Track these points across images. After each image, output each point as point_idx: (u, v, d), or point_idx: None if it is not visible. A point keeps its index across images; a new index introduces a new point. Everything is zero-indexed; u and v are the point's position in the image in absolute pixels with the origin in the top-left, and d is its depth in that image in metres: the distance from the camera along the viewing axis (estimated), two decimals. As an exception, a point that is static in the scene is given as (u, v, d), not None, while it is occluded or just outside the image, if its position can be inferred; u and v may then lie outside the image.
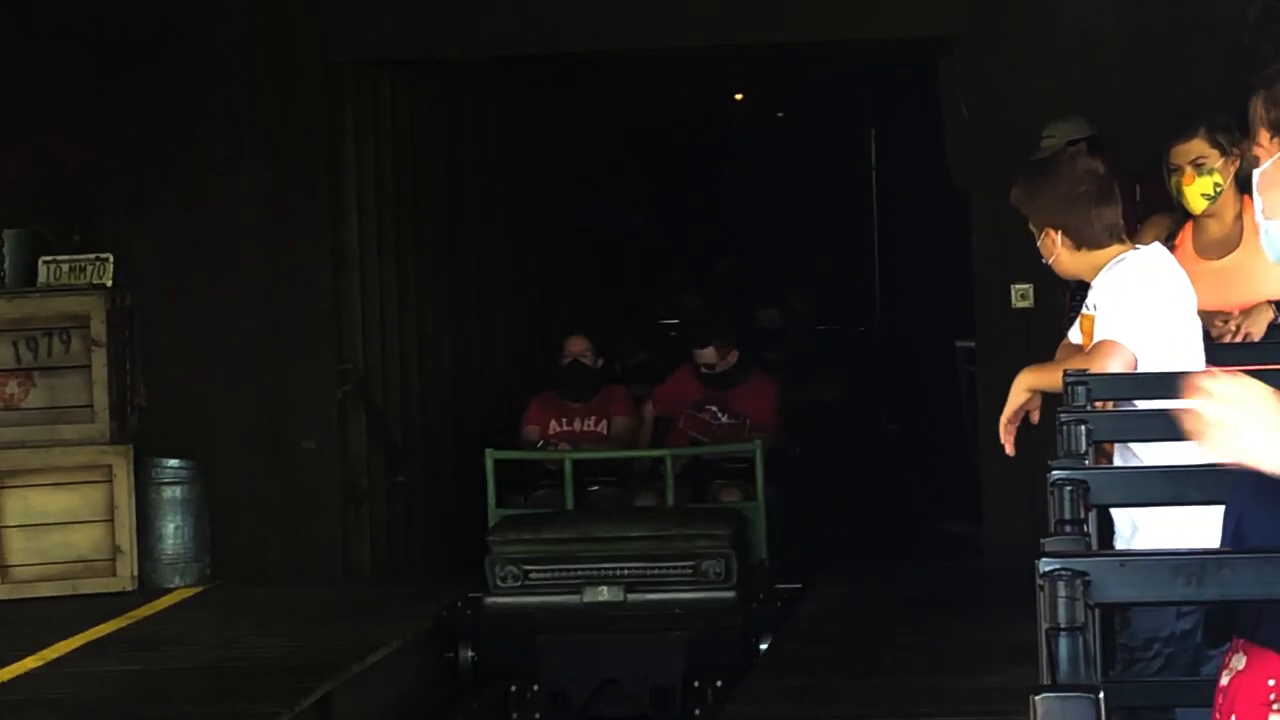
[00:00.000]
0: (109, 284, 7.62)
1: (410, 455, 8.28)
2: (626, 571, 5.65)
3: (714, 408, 6.72)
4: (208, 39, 7.99)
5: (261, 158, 7.98)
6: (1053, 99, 6.87)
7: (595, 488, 6.56)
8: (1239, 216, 3.84)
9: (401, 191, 8.60)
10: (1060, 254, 3.22)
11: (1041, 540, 1.62)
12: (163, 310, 7.93)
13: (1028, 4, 7.50)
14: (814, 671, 5.57)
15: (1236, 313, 3.71)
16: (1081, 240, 3.20)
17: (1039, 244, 3.30)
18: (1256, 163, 1.59)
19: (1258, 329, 3.69)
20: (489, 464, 6.31)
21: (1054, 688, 1.12)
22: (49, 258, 7.67)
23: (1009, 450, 3.19)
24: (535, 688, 5.74)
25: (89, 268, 7.69)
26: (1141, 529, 2.96)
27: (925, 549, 8.71)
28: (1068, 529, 1.73)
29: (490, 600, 5.80)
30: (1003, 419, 3.18)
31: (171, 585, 7.64)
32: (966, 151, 7.59)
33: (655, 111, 13.23)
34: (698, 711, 5.70)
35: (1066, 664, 1.15)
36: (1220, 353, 3.36)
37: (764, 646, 5.61)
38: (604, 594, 5.62)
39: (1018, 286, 6.92)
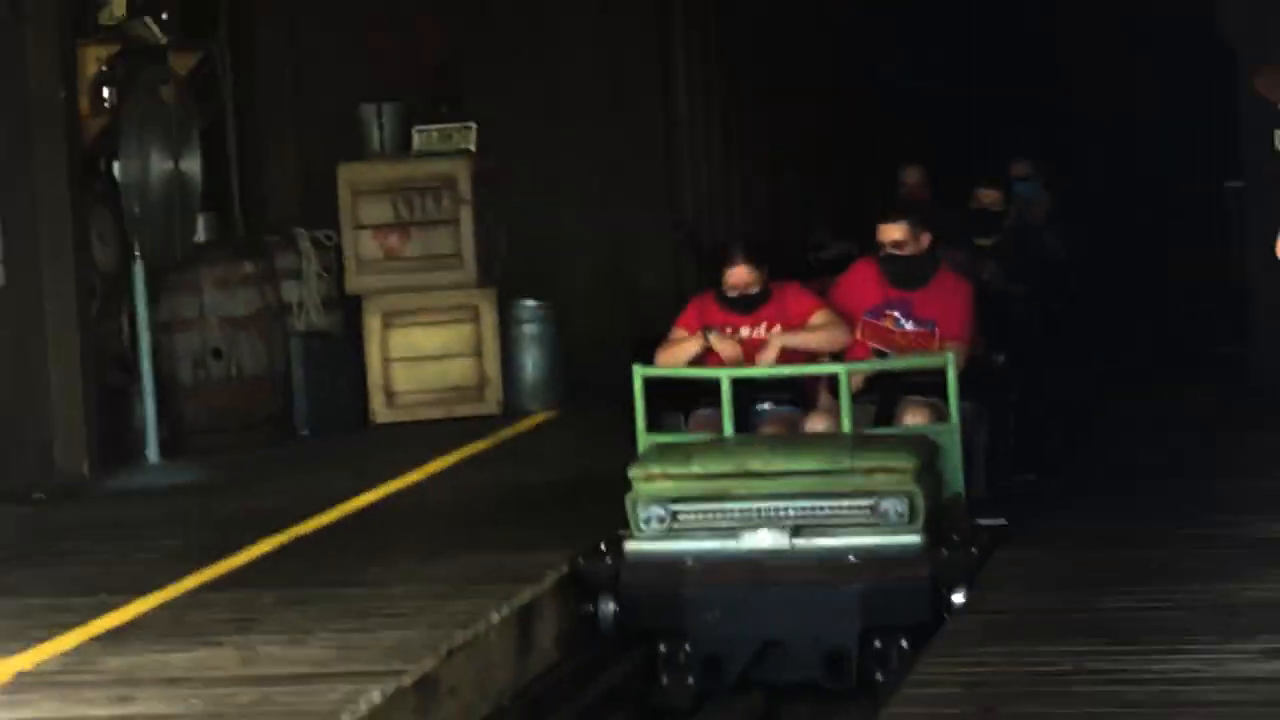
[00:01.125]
0: (473, 149, 8.47)
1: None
2: (792, 512, 4.62)
3: (895, 313, 5.38)
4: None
5: (602, 36, 8.75)
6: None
7: (766, 405, 5.36)
8: None
9: (724, 57, 9.26)
10: None
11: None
12: (519, 171, 8.79)
13: None
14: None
15: None
16: None
17: None
18: None
19: None
20: (637, 382, 5.12)
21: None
22: (421, 127, 8.53)
23: None
24: (687, 649, 4.71)
25: (455, 135, 8.52)
26: None
27: (1198, 373, 8.66)
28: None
29: (632, 546, 4.73)
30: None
31: (531, 410, 8.50)
32: (1233, 3, 7.93)
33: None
34: (879, 677, 4.62)
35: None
36: None
37: (958, 599, 4.50)
38: (765, 539, 4.59)
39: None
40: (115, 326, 7.37)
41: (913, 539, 4.62)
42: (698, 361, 5.35)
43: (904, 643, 4.62)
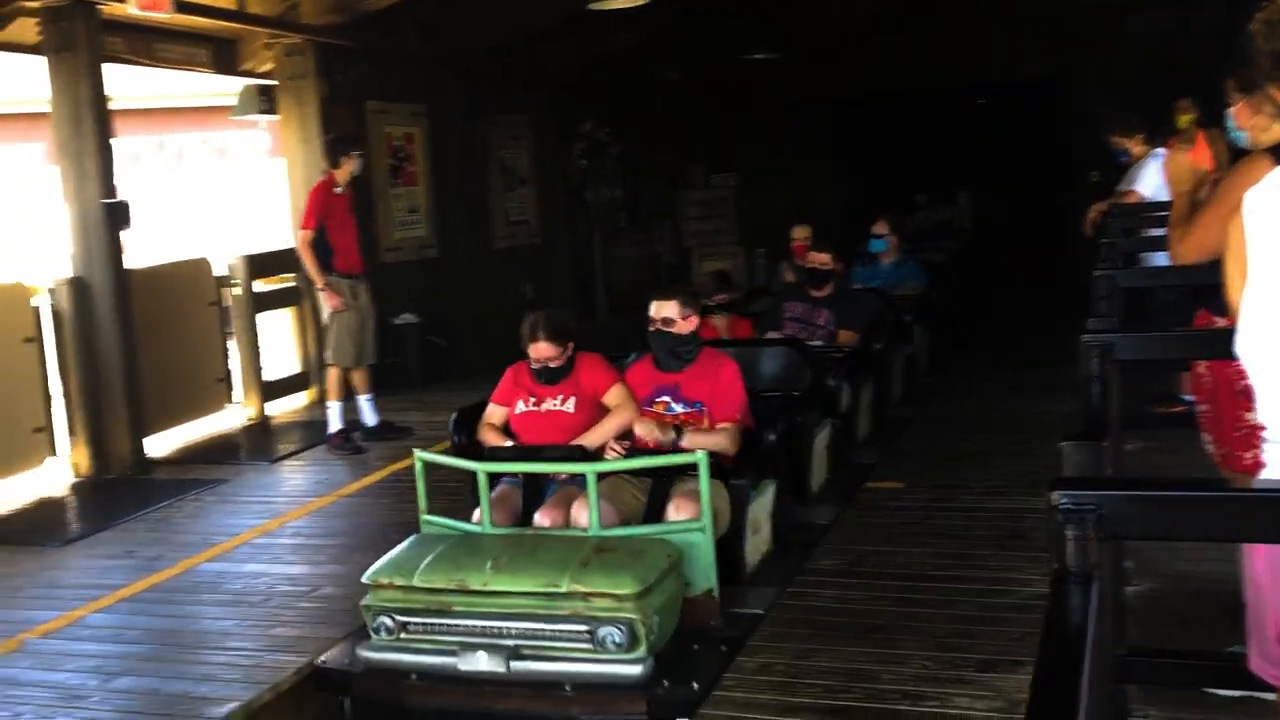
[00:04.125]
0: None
1: None
2: (512, 634, 4.18)
3: (666, 398, 5.18)
4: None
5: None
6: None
7: (562, 480, 4.96)
8: None
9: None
10: None
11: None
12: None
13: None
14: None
15: None
16: None
17: None
18: None
19: None
20: (418, 465, 4.79)
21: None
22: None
23: None
24: None
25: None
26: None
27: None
28: None
29: (364, 653, 4.38)
30: None
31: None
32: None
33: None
34: None
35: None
36: None
37: None
38: (483, 661, 4.19)
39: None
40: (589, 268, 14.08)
41: (632, 670, 4.08)
42: (506, 429, 5.24)
43: None
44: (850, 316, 7.39)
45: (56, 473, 7.68)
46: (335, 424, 8.07)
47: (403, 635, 4.30)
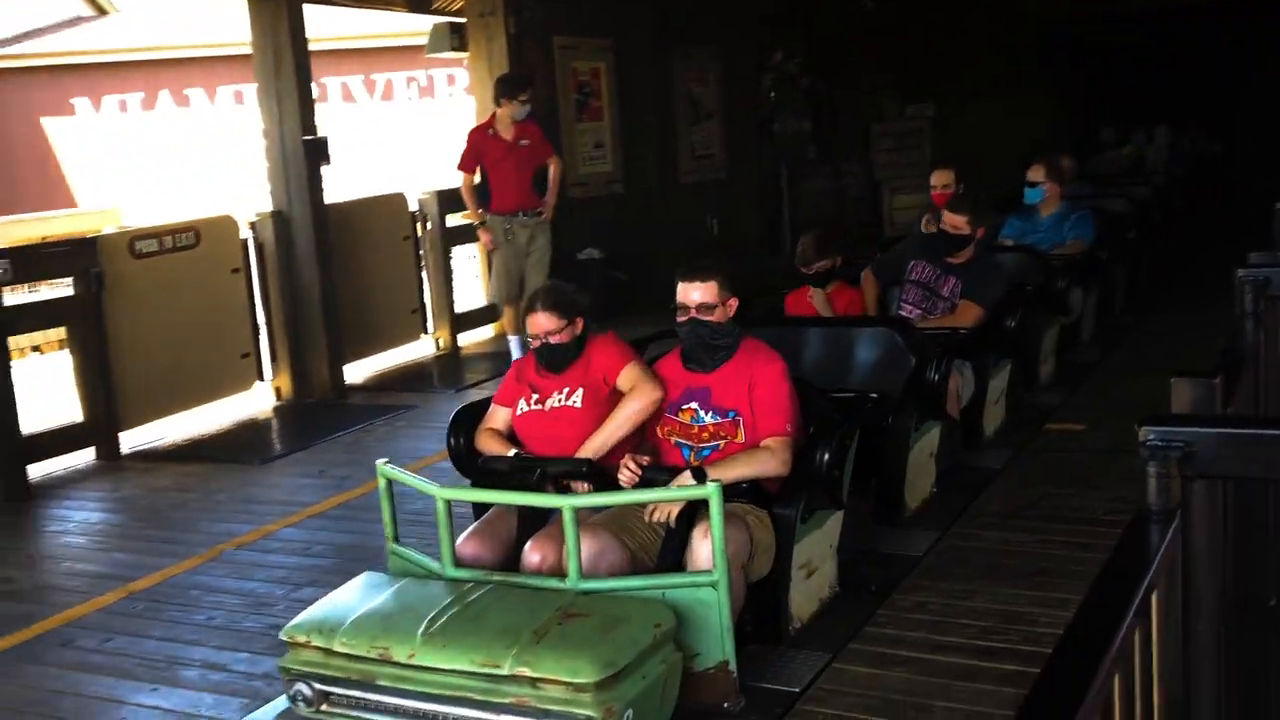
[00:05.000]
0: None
1: None
2: (447, 718, 3.23)
3: (694, 404, 4.02)
4: None
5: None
6: None
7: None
8: None
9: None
10: None
11: None
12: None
13: None
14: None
15: None
16: None
17: None
18: None
19: None
20: (381, 485, 3.82)
21: None
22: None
23: None
24: None
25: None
26: None
27: None
28: None
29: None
30: None
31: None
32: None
33: None
34: None
35: None
36: None
37: None
38: None
39: None
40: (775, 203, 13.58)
41: None
42: (512, 436, 4.15)
43: None
44: (979, 289, 5.96)
45: (261, 396, 8.17)
46: (516, 354, 8.28)
47: (324, 709, 3.35)
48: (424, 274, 9.58)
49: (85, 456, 7.02)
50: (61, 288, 7.50)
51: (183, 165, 17.25)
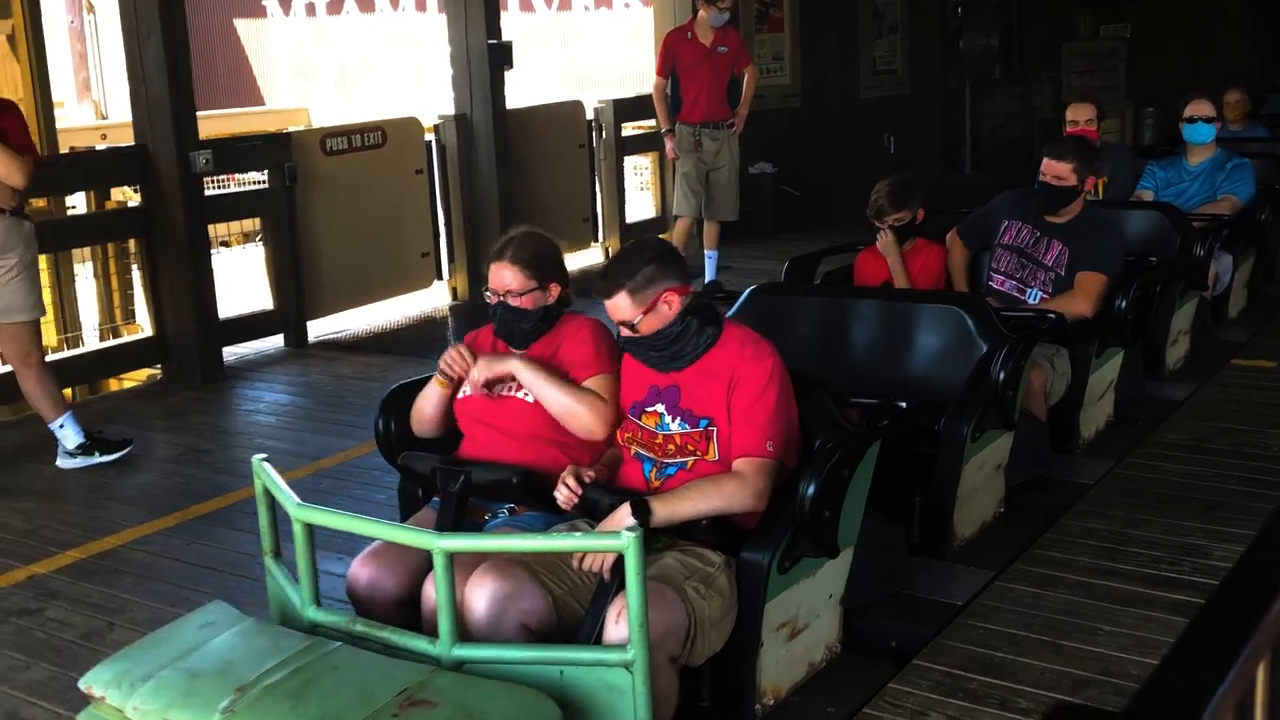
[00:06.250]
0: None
1: None
2: None
3: (660, 406, 3.09)
4: None
5: None
6: None
7: (500, 516, 3.19)
8: None
9: None
10: None
11: None
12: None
13: None
14: None
15: None
16: None
17: None
18: None
19: None
20: (257, 487, 2.98)
21: None
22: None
23: None
24: None
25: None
26: None
27: None
28: None
29: None
30: None
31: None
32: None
33: None
34: None
35: None
36: None
37: None
38: None
39: None
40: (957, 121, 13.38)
41: None
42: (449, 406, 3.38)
43: None
44: (1094, 254, 4.80)
45: (438, 295, 8.44)
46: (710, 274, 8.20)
47: None
48: (597, 183, 9.68)
49: (274, 343, 7.40)
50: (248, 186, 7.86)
51: (366, 69, 17.71)
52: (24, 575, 4.33)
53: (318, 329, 7.60)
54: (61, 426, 5.39)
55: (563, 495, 2.93)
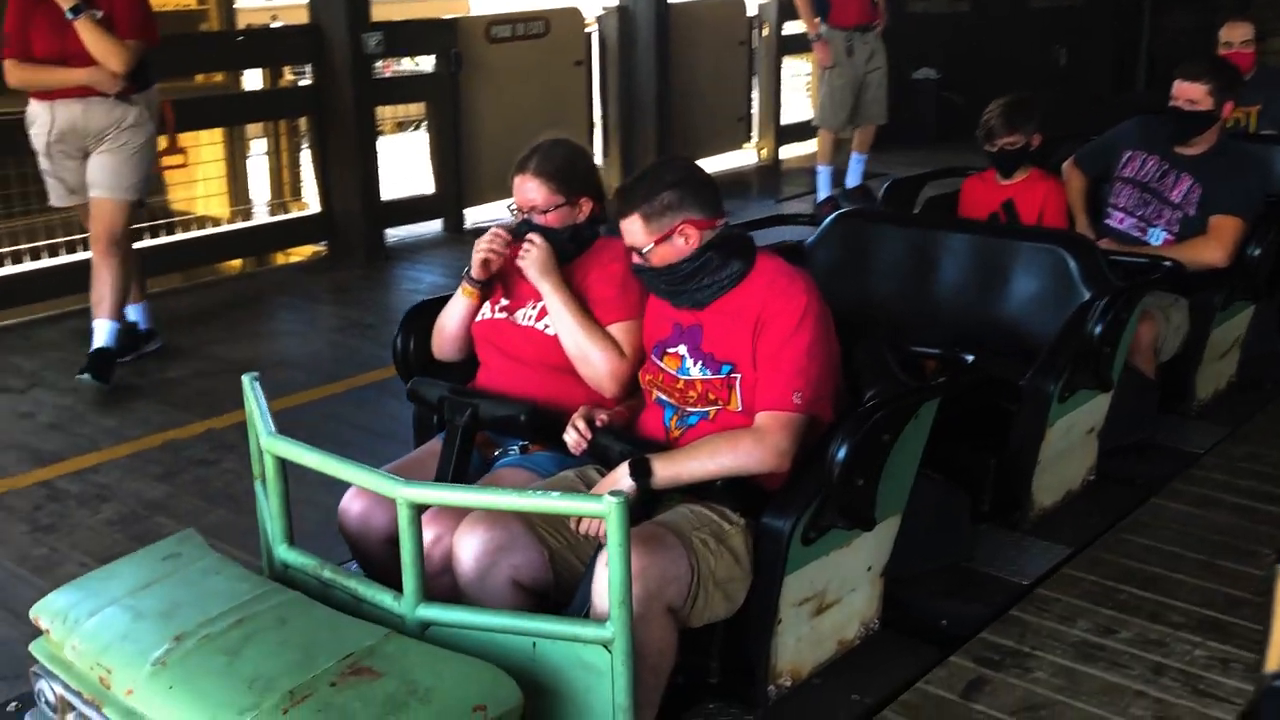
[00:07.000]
0: None
1: None
2: None
3: (683, 348, 2.74)
4: None
5: None
6: None
7: (511, 451, 2.92)
8: None
9: None
10: None
11: None
12: None
13: None
14: None
15: None
16: None
17: None
18: None
19: None
20: (248, 404, 2.76)
21: None
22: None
23: None
24: None
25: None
26: None
27: None
28: None
29: None
30: None
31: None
32: None
33: None
34: None
35: None
36: None
37: None
38: None
39: None
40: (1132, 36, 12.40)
41: None
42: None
43: None
44: (1228, 195, 4.23)
45: (591, 188, 8.50)
46: (823, 190, 7.98)
47: (68, 715, 2.38)
48: (754, 82, 9.58)
49: (433, 227, 7.59)
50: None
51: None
52: (201, 429, 4.62)
53: (475, 215, 7.76)
54: (105, 329, 4.98)
55: (571, 439, 2.64)
